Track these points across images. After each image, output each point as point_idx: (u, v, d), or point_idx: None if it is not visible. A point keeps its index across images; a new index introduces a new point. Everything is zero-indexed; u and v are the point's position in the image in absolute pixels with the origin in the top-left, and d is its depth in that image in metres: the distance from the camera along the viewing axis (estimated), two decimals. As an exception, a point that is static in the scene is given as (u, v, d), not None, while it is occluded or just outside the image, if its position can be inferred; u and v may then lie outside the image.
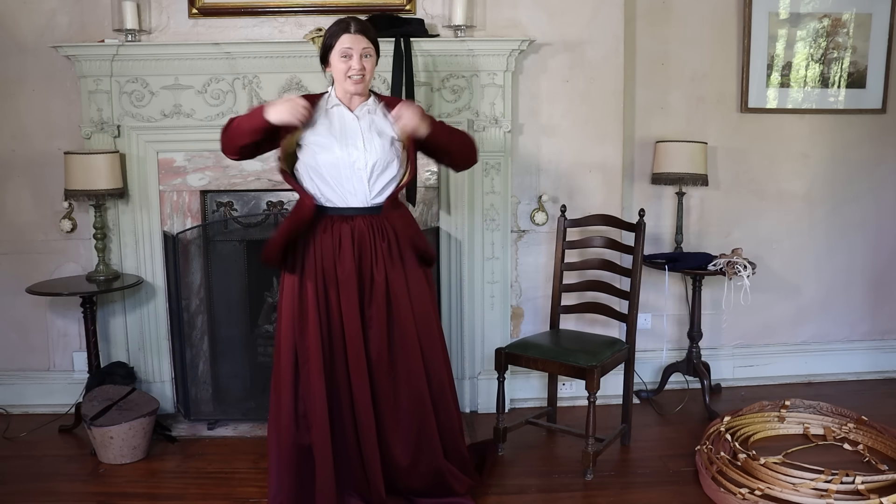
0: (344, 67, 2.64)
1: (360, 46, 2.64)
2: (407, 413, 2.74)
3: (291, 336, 2.69)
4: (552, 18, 3.63)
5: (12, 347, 3.78)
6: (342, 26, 2.66)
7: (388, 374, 2.72)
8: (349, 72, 2.64)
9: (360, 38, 2.64)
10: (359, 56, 2.63)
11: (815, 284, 4.19)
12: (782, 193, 4.11)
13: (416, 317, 2.74)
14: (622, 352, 3.27)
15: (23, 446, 3.43)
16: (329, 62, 2.70)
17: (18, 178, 3.67)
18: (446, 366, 2.87)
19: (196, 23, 3.56)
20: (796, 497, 2.80)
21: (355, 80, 2.65)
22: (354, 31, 2.64)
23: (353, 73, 2.64)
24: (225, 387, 3.82)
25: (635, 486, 3.04)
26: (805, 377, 4.19)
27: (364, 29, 2.66)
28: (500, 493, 2.97)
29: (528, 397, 3.82)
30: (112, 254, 3.62)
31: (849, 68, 4.02)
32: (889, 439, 3.29)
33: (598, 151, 3.74)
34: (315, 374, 2.66)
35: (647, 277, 3.89)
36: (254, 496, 2.95)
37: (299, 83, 3.53)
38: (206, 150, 3.58)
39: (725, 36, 3.96)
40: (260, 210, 3.71)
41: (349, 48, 2.63)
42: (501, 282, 3.72)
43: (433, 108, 3.57)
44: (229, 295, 3.78)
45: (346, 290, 2.66)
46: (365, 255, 2.69)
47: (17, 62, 3.57)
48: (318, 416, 2.66)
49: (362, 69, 2.64)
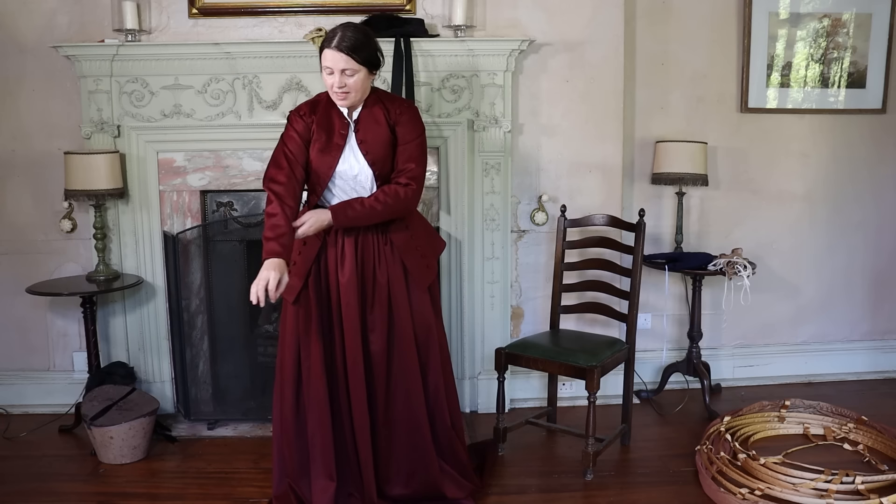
0: (328, 82, 2.59)
1: (340, 66, 2.52)
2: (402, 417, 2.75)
3: (295, 333, 2.71)
4: (552, 18, 3.63)
5: (12, 347, 3.78)
6: (328, 38, 2.55)
7: (384, 378, 2.73)
8: (333, 87, 2.58)
9: (340, 58, 2.51)
10: (339, 74, 2.54)
11: (815, 284, 4.19)
12: (782, 193, 4.11)
13: (415, 323, 2.74)
14: (622, 352, 3.27)
15: (23, 446, 3.43)
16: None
17: (18, 178, 3.67)
18: (445, 371, 2.87)
19: (196, 23, 3.56)
20: (796, 497, 2.80)
21: (338, 95, 2.59)
22: (336, 47, 2.51)
23: (335, 89, 2.57)
24: (225, 387, 3.82)
25: (635, 486, 3.04)
26: (805, 377, 4.18)
27: (347, 47, 2.51)
28: (500, 493, 2.97)
29: (528, 397, 3.82)
30: (112, 254, 3.62)
31: (849, 68, 4.02)
32: (889, 439, 3.29)
33: (598, 151, 3.73)
34: (316, 374, 2.67)
35: (647, 277, 3.89)
36: (254, 496, 2.95)
37: (299, 83, 3.53)
38: (206, 150, 3.58)
39: (725, 36, 3.96)
40: (260, 210, 3.70)
41: (329, 67, 2.55)
42: (501, 282, 3.72)
43: (433, 108, 3.57)
44: (229, 295, 3.77)
45: (346, 294, 2.67)
46: (368, 260, 2.69)
47: (17, 62, 3.57)
48: (319, 415, 2.68)
49: (343, 86, 2.55)
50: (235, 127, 3.55)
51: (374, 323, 2.71)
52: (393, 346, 2.73)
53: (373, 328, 2.71)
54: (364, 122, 2.67)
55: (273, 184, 2.58)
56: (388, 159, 2.68)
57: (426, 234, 2.88)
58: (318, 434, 2.69)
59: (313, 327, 2.68)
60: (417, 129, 2.71)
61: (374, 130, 2.67)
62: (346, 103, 2.62)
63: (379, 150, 2.66)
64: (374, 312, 2.71)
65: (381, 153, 2.66)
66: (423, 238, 2.83)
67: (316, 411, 2.68)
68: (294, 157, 2.62)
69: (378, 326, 2.70)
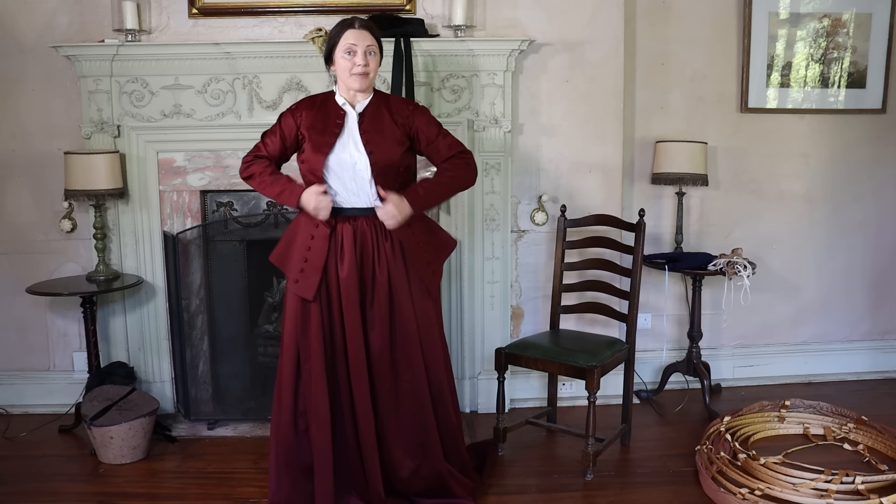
0: (348, 65, 2.64)
1: (365, 43, 2.64)
2: (408, 415, 2.74)
3: (294, 334, 2.70)
4: (552, 18, 3.63)
5: (12, 347, 3.78)
6: (346, 23, 2.67)
7: (389, 374, 2.72)
8: (353, 68, 2.63)
9: (364, 35, 2.65)
10: (363, 52, 2.63)
11: (815, 284, 4.19)
12: (782, 193, 4.11)
13: (417, 318, 2.73)
14: (622, 352, 3.27)
15: (23, 446, 3.43)
16: (333, 60, 2.70)
17: (18, 178, 3.67)
18: (446, 368, 2.87)
19: (196, 23, 3.56)
20: (796, 497, 2.80)
21: (359, 75, 2.64)
22: (359, 26, 2.65)
23: (358, 68, 2.63)
24: (225, 387, 3.82)
25: (635, 486, 3.04)
26: (805, 377, 4.18)
27: (368, 26, 2.68)
28: (500, 493, 2.97)
29: (528, 397, 3.81)
30: (112, 254, 3.62)
31: (849, 68, 4.02)
32: (889, 439, 3.29)
33: (598, 151, 3.74)
34: (316, 373, 2.67)
35: (647, 277, 3.89)
36: (254, 496, 2.95)
37: (299, 83, 3.53)
38: (206, 150, 3.58)
39: (725, 36, 3.96)
40: (260, 210, 3.71)
41: (353, 44, 2.63)
42: (501, 282, 3.72)
43: (433, 108, 3.57)
44: (229, 295, 3.78)
45: (346, 289, 2.67)
46: (367, 256, 2.69)
47: (17, 62, 3.57)
48: (319, 415, 2.67)
49: (366, 65, 2.64)
50: (235, 127, 3.55)
51: (374, 319, 2.70)
52: (395, 342, 2.72)
53: (373, 325, 2.70)
54: (369, 115, 2.71)
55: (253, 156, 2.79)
56: (392, 153, 2.67)
57: (430, 236, 2.84)
58: (319, 435, 2.67)
59: (314, 325, 2.67)
60: (437, 123, 2.81)
61: (380, 124, 2.69)
62: (364, 84, 2.67)
63: (382, 143, 2.66)
64: (374, 309, 2.70)
65: (384, 146, 2.66)
66: (426, 242, 2.80)
67: (315, 413, 2.67)
68: (268, 152, 2.76)
69: (378, 323, 2.69)
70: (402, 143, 2.71)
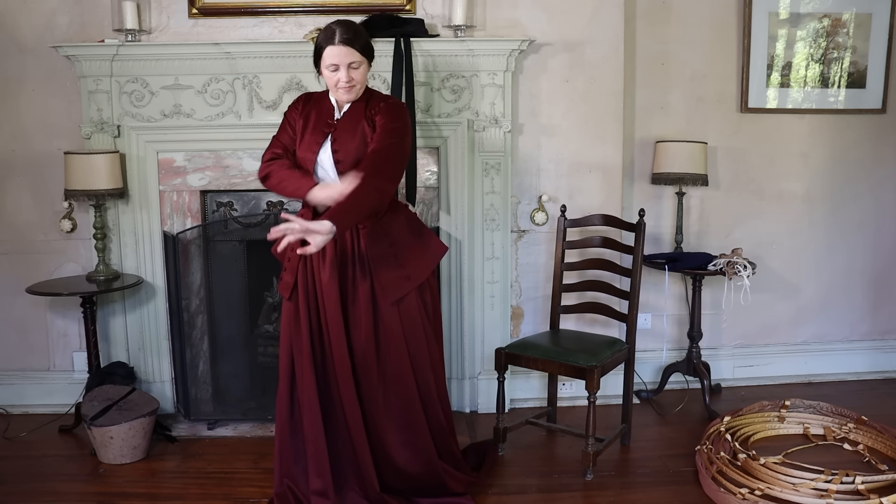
0: (333, 79, 2.64)
1: (347, 61, 2.59)
2: (397, 412, 2.75)
3: (288, 331, 2.76)
4: (552, 18, 3.63)
5: (12, 347, 3.78)
6: (327, 36, 2.59)
7: (374, 371, 2.73)
8: (338, 84, 2.63)
9: (344, 51, 2.57)
10: (346, 69, 2.60)
11: (815, 284, 4.19)
12: (782, 193, 4.11)
13: (401, 317, 2.73)
14: (622, 352, 3.27)
15: (23, 446, 3.43)
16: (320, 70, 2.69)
17: (18, 178, 3.67)
18: (435, 368, 2.86)
19: (196, 23, 3.56)
20: (796, 497, 2.80)
21: (345, 89, 2.64)
22: (339, 42, 2.57)
23: (342, 84, 2.62)
24: (225, 387, 3.82)
25: (635, 486, 3.04)
26: (805, 377, 4.18)
27: (350, 39, 2.57)
28: (500, 493, 2.97)
29: (528, 397, 3.82)
30: (112, 254, 3.62)
31: (849, 68, 4.02)
32: (889, 439, 3.29)
33: (598, 151, 3.74)
34: (306, 370, 2.70)
35: (647, 277, 3.89)
36: (254, 496, 2.95)
37: (299, 83, 3.53)
38: (206, 150, 3.58)
39: (725, 36, 3.96)
40: (260, 210, 3.71)
41: (335, 63, 2.60)
42: (501, 282, 3.72)
43: (433, 108, 3.57)
44: (229, 295, 3.78)
45: (328, 288, 2.68)
46: (347, 253, 2.70)
47: (17, 62, 3.57)
48: (310, 411, 2.70)
49: (350, 80, 2.61)
50: (235, 127, 3.55)
51: (357, 318, 2.70)
52: (380, 341, 2.72)
53: (356, 323, 2.70)
54: (348, 115, 2.71)
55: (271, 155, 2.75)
56: (358, 152, 2.64)
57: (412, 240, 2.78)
58: (311, 431, 2.71)
59: (303, 324, 2.70)
60: (395, 129, 2.65)
61: (354, 123, 2.69)
62: (352, 96, 2.67)
63: (349, 143, 2.65)
64: (356, 307, 2.70)
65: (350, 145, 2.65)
66: (406, 246, 2.75)
67: (308, 408, 2.71)
68: (285, 147, 2.76)
69: (362, 322, 2.69)
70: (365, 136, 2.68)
